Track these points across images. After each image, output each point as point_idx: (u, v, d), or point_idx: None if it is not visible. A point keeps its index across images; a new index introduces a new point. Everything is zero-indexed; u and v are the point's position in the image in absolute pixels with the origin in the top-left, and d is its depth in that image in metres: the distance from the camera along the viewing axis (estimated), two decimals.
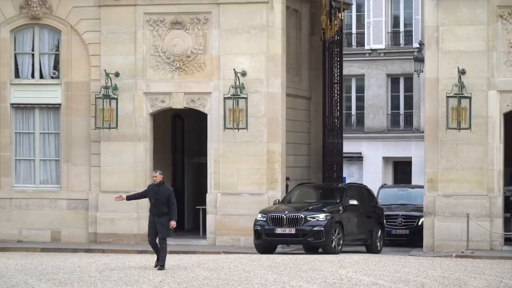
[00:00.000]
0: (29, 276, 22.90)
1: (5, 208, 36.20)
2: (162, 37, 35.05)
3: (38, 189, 36.27)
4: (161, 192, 23.74)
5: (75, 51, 35.91)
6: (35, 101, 36.74)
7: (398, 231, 36.82)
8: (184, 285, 20.40)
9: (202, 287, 19.95)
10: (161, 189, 23.88)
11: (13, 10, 35.83)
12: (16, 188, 36.42)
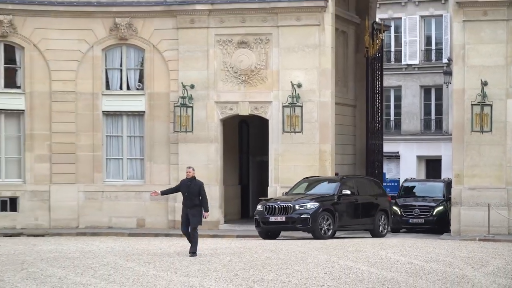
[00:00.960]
0: (118, 256, 25.05)
1: (97, 199, 38.53)
2: (230, 55, 37.37)
3: (126, 183, 38.80)
4: (192, 186, 24.53)
5: (156, 67, 38.35)
6: (123, 109, 39.36)
7: (414, 220, 38.04)
8: (249, 264, 22.24)
9: (265, 265, 21.69)
10: (193, 183, 24.63)
11: (104, 32, 38.36)
12: (107, 182, 38.80)
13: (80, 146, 38.95)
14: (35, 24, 38.41)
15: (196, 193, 24.19)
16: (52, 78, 38.37)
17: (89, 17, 38.76)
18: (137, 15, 38.66)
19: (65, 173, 38.74)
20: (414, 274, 20.16)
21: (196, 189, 24.22)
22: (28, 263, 23.18)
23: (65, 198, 38.79)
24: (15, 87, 39.24)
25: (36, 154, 38.70)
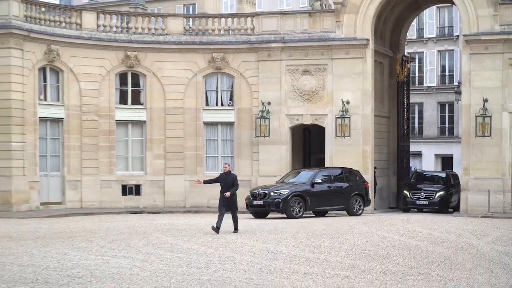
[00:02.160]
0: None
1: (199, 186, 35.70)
2: (297, 80, 40.59)
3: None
4: (228, 178, 25.83)
5: (243, 89, 41.83)
6: (218, 120, 42.71)
7: (420, 201, 39.70)
8: (310, 234, 24.65)
9: (322, 235, 24.19)
10: (228, 176, 25.95)
11: (204, 63, 41.81)
12: (206, 174, 40.18)
13: (186, 147, 41.99)
14: (154, 57, 41.75)
15: (231, 184, 25.65)
16: (166, 97, 41.84)
17: (193, 53, 42.07)
18: (228, 51, 41.74)
19: (175, 167, 41.84)
20: (433, 242, 22.43)
21: (231, 180, 25.79)
22: (148, 233, 25.92)
23: (175, 185, 41.87)
24: (139, 104, 42.37)
25: (154, 153, 41.91)
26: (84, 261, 17.89)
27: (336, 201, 35.04)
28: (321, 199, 34.36)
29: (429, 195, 39.97)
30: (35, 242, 22.59)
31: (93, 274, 15.60)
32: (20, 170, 38.14)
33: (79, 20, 41.30)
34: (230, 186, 25.61)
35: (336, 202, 35.09)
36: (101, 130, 41.44)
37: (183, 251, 20.26)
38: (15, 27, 37.48)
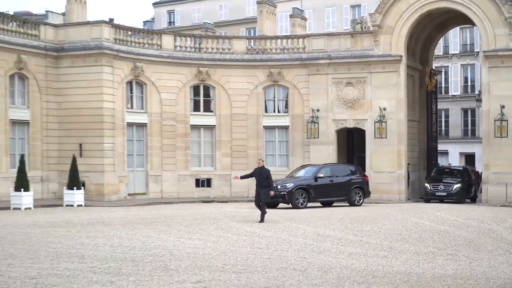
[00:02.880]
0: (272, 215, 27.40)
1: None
2: (341, 90, 40.63)
3: (277, 169, 40.02)
4: (262, 173, 24.57)
5: (296, 98, 41.92)
6: (275, 124, 42.79)
7: (439, 193, 38.11)
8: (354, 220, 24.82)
9: (364, 221, 24.20)
10: (262, 171, 24.66)
11: (263, 77, 41.89)
12: None
13: (249, 147, 42.19)
14: (222, 72, 41.99)
15: (264, 178, 24.38)
16: (232, 106, 42.15)
17: (254, 68, 42.23)
18: (284, 67, 41.88)
19: (240, 163, 41.28)
20: (459, 227, 22.30)
21: (264, 175, 24.47)
22: (217, 219, 25.80)
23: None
24: (209, 111, 42.47)
25: (222, 152, 42.19)
26: (164, 243, 18.09)
27: (338, 193, 33.89)
28: (324, 191, 33.13)
29: (447, 187, 38.47)
30: (124, 226, 22.94)
31: (172, 253, 15.79)
32: (111, 166, 38.70)
33: (160, 41, 41.91)
34: (264, 180, 24.52)
35: (338, 194, 33.92)
36: (178, 133, 41.85)
37: (247, 234, 20.33)
38: (106, 48, 38.28)
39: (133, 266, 13.83)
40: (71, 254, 15.52)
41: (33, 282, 11.80)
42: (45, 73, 38.71)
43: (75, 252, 15.88)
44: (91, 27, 39.25)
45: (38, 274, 12.69)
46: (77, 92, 38.63)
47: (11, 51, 36.66)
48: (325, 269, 13.41)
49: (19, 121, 37.83)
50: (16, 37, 37.45)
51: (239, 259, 14.92)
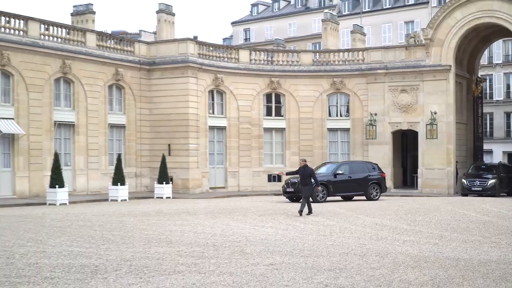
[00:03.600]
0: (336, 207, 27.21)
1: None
2: (396, 96, 40.30)
3: None
4: (305, 171, 23.07)
5: (356, 104, 41.65)
6: (338, 127, 42.11)
7: (475, 187, 36.33)
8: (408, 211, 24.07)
9: (417, 212, 23.57)
10: (306, 169, 23.12)
11: (327, 85, 41.87)
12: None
13: (314, 147, 41.97)
14: (291, 82, 42.02)
15: (308, 176, 23.04)
16: (300, 111, 42.01)
17: (319, 78, 42.07)
18: (345, 76, 41.62)
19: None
20: (502, 218, 21.75)
21: (308, 172, 23.08)
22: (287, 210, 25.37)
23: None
24: (280, 116, 42.25)
25: (291, 151, 42.00)
26: (241, 230, 18.12)
27: (355, 188, 31.93)
28: (342, 186, 31.21)
29: (482, 182, 36.71)
30: (206, 216, 22.98)
31: (248, 239, 15.82)
32: (195, 164, 38.95)
33: (237, 55, 42.18)
34: (308, 178, 23.16)
35: (355, 189, 31.96)
36: (253, 135, 41.93)
37: (313, 223, 20.13)
38: (191, 62, 38.78)
39: (214, 250, 13.90)
40: (160, 240, 15.69)
41: (127, 264, 12.01)
42: (139, 84, 39.47)
43: (164, 238, 16.04)
44: (178, 43, 39.81)
45: (132, 257, 12.90)
46: (166, 100, 39.23)
47: (110, 65, 37.48)
48: (382, 255, 13.28)
49: (117, 125, 38.60)
50: (114, 53, 38.26)
51: (306, 245, 14.82)
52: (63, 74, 34.93)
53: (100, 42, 37.57)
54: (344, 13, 69.52)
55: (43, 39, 34.11)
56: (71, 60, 35.10)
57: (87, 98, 36.14)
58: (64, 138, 35.49)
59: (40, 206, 27.97)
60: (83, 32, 36.74)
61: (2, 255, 12.89)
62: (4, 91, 32.42)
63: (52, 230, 17.61)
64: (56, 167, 29.72)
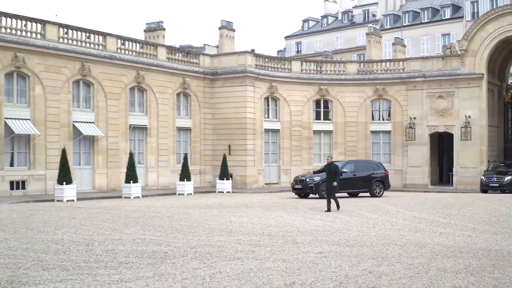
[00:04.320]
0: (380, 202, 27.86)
1: None
2: (434, 102, 39.48)
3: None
4: (331, 168, 21.82)
5: (397, 109, 40.78)
6: (380, 129, 41.28)
7: (492, 184, 34.24)
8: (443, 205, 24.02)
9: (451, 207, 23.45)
10: (331, 167, 21.89)
11: (370, 92, 41.18)
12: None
13: (359, 147, 41.23)
14: (337, 89, 41.64)
15: (333, 173, 21.69)
16: (346, 115, 41.56)
17: (363, 86, 41.58)
18: (387, 84, 41.01)
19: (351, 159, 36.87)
20: None
21: (333, 169, 21.79)
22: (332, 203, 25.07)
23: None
24: (328, 119, 41.73)
25: (338, 151, 41.43)
26: (292, 222, 18.04)
27: (360, 185, 30.26)
28: (347, 184, 29.09)
29: (499, 179, 34.50)
30: (261, 208, 22.99)
31: (299, 230, 15.75)
32: (252, 162, 39.00)
33: (290, 66, 42.06)
34: (333, 174, 21.74)
35: (360, 186, 30.27)
36: (303, 136, 41.67)
37: (357, 216, 19.93)
38: (249, 72, 38.92)
39: (269, 239, 13.88)
40: (222, 229, 15.76)
41: (193, 251, 12.11)
42: (203, 92, 39.77)
43: (225, 228, 16.11)
44: (238, 56, 40.02)
45: (197, 244, 12.99)
46: (227, 106, 39.49)
47: (178, 75, 37.95)
48: (421, 245, 13.05)
49: (183, 128, 38.94)
50: (182, 64, 38.67)
51: (351, 235, 14.70)
52: (137, 84, 35.52)
53: (169, 55, 38.02)
54: (386, 27, 68.87)
55: (120, 52, 34.70)
56: (144, 71, 35.63)
57: (158, 104, 36.62)
58: (138, 139, 36.05)
59: (117, 199, 28.41)
60: (154, 46, 37.30)
61: (82, 242, 13.13)
62: (85, 98, 33.10)
63: (127, 220, 17.88)
64: (131, 165, 30.17)
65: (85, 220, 17.63)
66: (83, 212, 20.58)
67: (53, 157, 30.09)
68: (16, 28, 29.76)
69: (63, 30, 31.90)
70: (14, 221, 17.01)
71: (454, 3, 65.67)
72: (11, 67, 29.24)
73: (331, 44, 73.37)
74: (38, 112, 30.27)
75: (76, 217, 18.63)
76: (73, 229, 15.39)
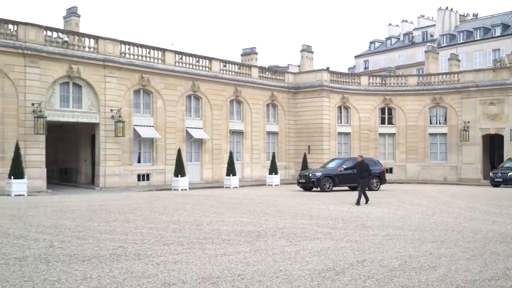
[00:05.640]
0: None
1: (427, 167, 38.39)
2: (485, 108, 37.64)
3: (439, 163, 38.79)
4: (362, 166, 20.04)
5: (452, 114, 38.96)
6: (437, 132, 39.56)
7: (497, 179, 31.81)
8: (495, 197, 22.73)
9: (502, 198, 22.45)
10: (362, 164, 20.07)
11: (429, 101, 39.48)
12: (429, 161, 39.39)
13: (418, 147, 39.68)
14: (400, 99, 39.85)
15: (364, 169, 19.90)
16: (407, 120, 40.04)
17: (422, 95, 39.72)
18: (443, 93, 39.14)
19: (411, 158, 39.81)
20: None
21: (364, 167, 19.96)
22: (397, 194, 24.79)
23: (412, 168, 39.66)
24: (391, 124, 40.34)
25: (400, 150, 40.19)
26: (362, 209, 17.56)
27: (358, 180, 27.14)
28: (346, 178, 27.02)
29: (503, 174, 31.85)
30: (335, 197, 22.33)
31: (368, 216, 15.38)
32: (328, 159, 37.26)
33: (359, 80, 41.20)
34: (364, 171, 19.83)
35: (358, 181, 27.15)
36: (370, 138, 40.79)
37: (418, 205, 19.04)
38: (325, 86, 38.62)
39: (343, 223, 13.63)
40: (303, 214, 15.57)
41: (280, 231, 12.05)
42: (287, 102, 39.67)
43: (306, 213, 15.90)
44: (315, 73, 39.69)
45: (284, 226, 12.92)
46: (307, 114, 39.24)
47: (267, 89, 38.16)
48: (475, 231, 12.40)
49: (272, 132, 38.98)
50: (270, 81, 38.79)
51: (413, 222, 14.13)
52: (236, 97, 35.95)
53: (260, 74, 38.21)
54: (442, 45, 66.32)
55: (222, 72, 35.21)
56: (241, 87, 35.98)
57: (251, 113, 36.91)
58: (236, 141, 36.42)
59: (219, 189, 28.55)
60: (249, 67, 37.65)
61: (193, 222, 13.26)
62: (195, 109, 33.87)
63: (228, 205, 17.93)
64: (230, 161, 30.48)
65: (195, 205, 17.80)
66: (194, 199, 20.83)
67: (170, 155, 30.94)
68: (142, 55, 30.85)
69: (178, 56, 32.80)
70: (141, 205, 17.45)
71: (503, 22, 62.41)
72: (138, 85, 30.40)
73: (394, 61, 71.65)
74: (159, 120, 31.22)
75: (188, 202, 18.86)
76: (186, 212, 15.58)
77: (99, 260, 8.25)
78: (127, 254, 8.78)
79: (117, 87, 29.06)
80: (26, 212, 14.60)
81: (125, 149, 29.42)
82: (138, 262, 8.16)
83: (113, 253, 8.84)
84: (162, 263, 8.16)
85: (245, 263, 8.26)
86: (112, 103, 28.69)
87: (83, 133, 31.79)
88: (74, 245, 9.56)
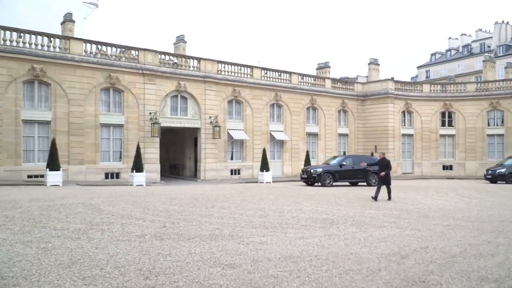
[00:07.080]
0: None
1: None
2: None
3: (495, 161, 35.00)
4: (383, 163, 17.42)
5: (509, 117, 35.75)
6: (494, 133, 36.71)
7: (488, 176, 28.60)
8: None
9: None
10: (383, 161, 17.45)
11: (487, 105, 36.38)
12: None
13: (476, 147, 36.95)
14: (459, 104, 37.25)
15: (385, 167, 17.29)
16: (466, 122, 37.43)
17: (480, 100, 36.75)
18: (500, 98, 36.39)
19: (470, 157, 37.14)
20: None
21: (385, 163, 17.41)
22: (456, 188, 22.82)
23: (471, 165, 37.02)
24: (451, 126, 37.73)
25: (459, 150, 36.96)
26: (424, 201, 16.66)
27: (357, 176, 24.93)
28: (346, 175, 24.72)
29: (493, 171, 28.72)
30: (399, 191, 21.11)
31: (429, 207, 14.52)
32: (392, 158, 36.93)
33: (421, 88, 39.32)
34: (385, 168, 17.30)
35: (357, 177, 24.94)
36: (431, 139, 38.48)
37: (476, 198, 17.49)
38: (390, 94, 37.31)
39: (407, 214, 13.02)
40: (371, 205, 14.94)
41: (351, 219, 11.67)
42: (356, 109, 38.63)
43: (374, 204, 15.25)
44: (381, 83, 38.39)
45: (354, 215, 12.44)
46: (374, 118, 38.03)
47: (339, 98, 37.39)
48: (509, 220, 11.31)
49: (343, 134, 37.86)
50: (341, 90, 38.00)
51: (472, 213, 13.17)
52: (311, 104, 35.56)
53: (333, 84, 37.55)
54: (499, 55, 61.46)
55: (300, 84, 34.98)
56: (316, 96, 35.62)
57: (325, 118, 36.33)
58: (311, 142, 35.95)
59: (298, 182, 28.01)
60: (323, 79, 37.13)
61: (276, 210, 13.15)
62: (277, 115, 33.82)
63: (305, 196, 17.67)
64: (307, 159, 30.42)
65: (278, 195, 17.59)
66: (276, 190, 20.58)
67: (257, 154, 31.24)
68: (235, 72, 31.39)
69: (264, 71, 33.04)
70: (233, 195, 17.58)
71: None
72: (231, 96, 30.95)
73: (453, 70, 67.41)
74: (248, 125, 31.62)
75: (272, 193, 18.72)
76: (270, 201, 15.46)
77: (201, 239, 8.41)
78: (223, 235, 8.87)
79: (215, 98, 29.82)
80: (145, 199, 15.12)
81: (220, 149, 30.06)
82: (231, 242, 8.24)
83: (212, 234, 8.96)
84: (251, 243, 8.22)
85: (321, 246, 8.15)
86: (210, 111, 29.51)
87: (188, 136, 32.80)
88: (181, 226, 9.76)
